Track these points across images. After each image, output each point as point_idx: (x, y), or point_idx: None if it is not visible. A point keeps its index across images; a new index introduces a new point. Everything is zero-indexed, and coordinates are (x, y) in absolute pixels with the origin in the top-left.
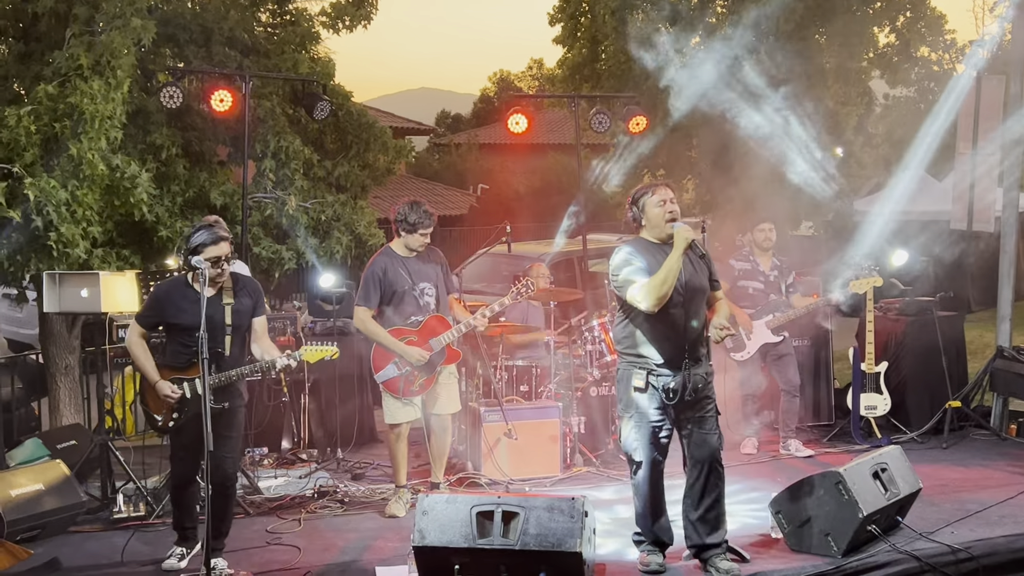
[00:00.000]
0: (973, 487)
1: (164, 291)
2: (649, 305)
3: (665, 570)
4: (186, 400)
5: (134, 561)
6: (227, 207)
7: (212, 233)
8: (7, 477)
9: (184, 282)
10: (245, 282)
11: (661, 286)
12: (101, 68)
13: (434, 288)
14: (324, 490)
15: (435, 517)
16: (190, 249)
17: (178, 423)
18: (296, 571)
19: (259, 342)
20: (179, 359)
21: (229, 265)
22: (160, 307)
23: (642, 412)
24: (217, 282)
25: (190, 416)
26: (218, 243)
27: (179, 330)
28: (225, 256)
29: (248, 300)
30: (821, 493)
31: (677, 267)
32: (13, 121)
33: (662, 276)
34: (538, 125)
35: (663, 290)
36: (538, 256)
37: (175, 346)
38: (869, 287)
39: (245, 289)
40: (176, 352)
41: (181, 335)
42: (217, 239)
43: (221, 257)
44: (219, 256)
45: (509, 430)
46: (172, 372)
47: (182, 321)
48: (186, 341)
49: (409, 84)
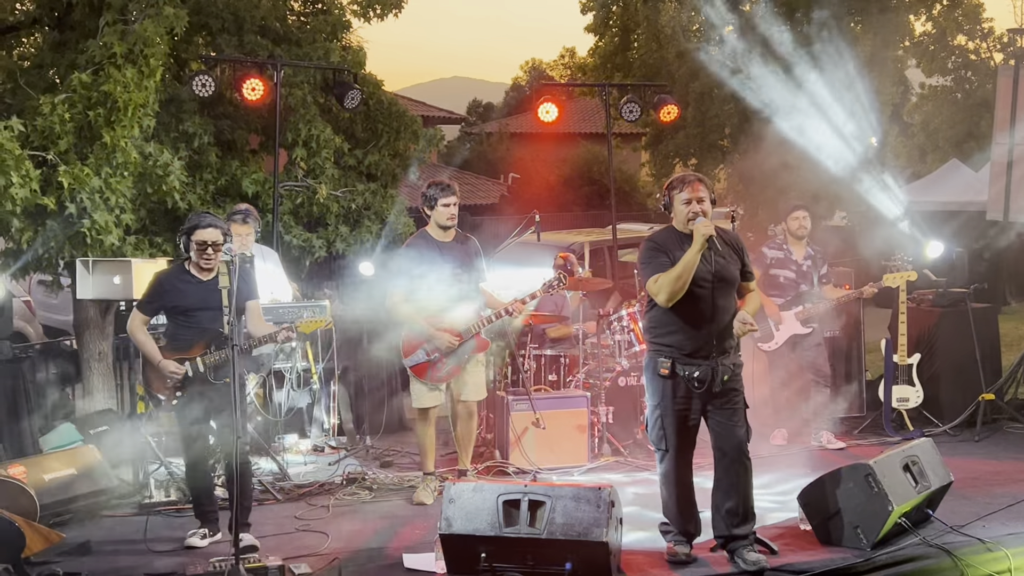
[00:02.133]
0: (1005, 481)
1: (164, 277)
2: (663, 299)
3: (693, 560)
4: (188, 378)
5: (164, 545)
6: (258, 195)
7: (201, 218)
8: (40, 461)
9: (182, 267)
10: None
11: (675, 281)
12: (134, 57)
13: (467, 275)
14: (353, 477)
15: (462, 505)
16: (183, 231)
17: (182, 401)
18: (324, 557)
19: (254, 323)
20: (180, 342)
21: (217, 252)
22: (160, 292)
23: (668, 401)
24: (207, 267)
25: (194, 393)
26: (207, 228)
27: (178, 312)
28: (212, 242)
29: (242, 284)
30: (851, 485)
31: (693, 263)
32: (48, 109)
33: (677, 272)
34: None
35: (677, 285)
36: (568, 245)
37: (176, 330)
38: (903, 281)
39: (239, 274)
40: (176, 336)
41: (179, 317)
42: (207, 224)
43: (208, 242)
44: (206, 241)
45: (537, 419)
46: (174, 355)
47: (181, 303)
48: (186, 323)
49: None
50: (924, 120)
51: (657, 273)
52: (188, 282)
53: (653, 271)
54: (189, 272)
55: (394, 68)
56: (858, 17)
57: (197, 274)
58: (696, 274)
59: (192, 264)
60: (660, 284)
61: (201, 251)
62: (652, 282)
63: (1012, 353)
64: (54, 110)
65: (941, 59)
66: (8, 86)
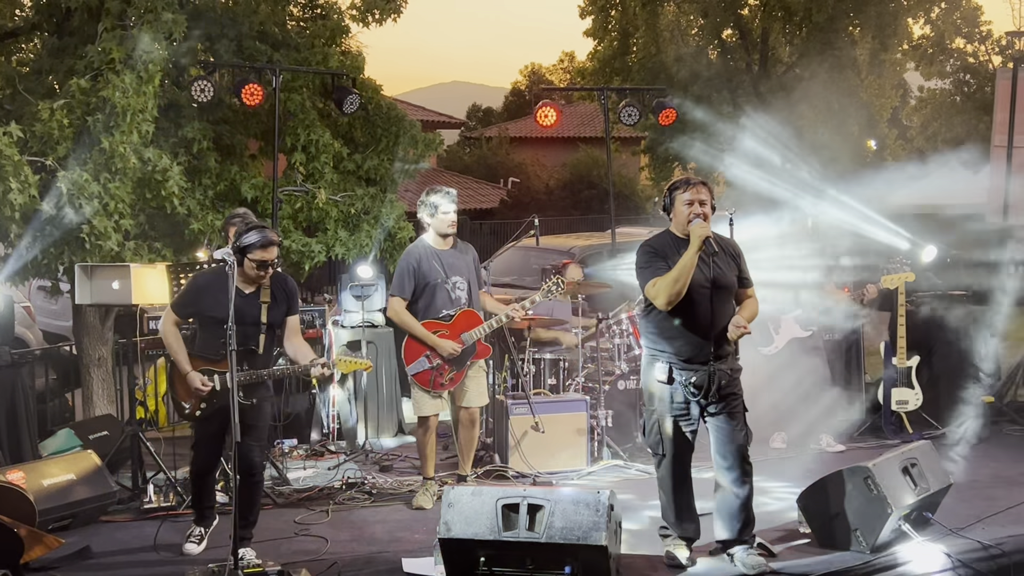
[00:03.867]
0: (1005, 483)
1: (205, 282)
2: (662, 303)
3: (692, 564)
4: (216, 392)
5: (165, 548)
6: (257, 200)
7: (264, 236)
8: (40, 467)
9: (223, 277)
10: (282, 281)
11: (674, 284)
12: (133, 62)
13: (466, 282)
14: (352, 482)
15: (461, 509)
16: (239, 248)
17: (205, 413)
18: (323, 562)
19: (291, 340)
20: (211, 351)
21: (274, 269)
22: (199, 297)
23: (666, 405)
24: (258, 282)
25: (218, 407)
26: (267, 247)
27: (214, 323)
28: (271, 261)
29: (284, 299)
30: (850, 488)
31: (691, 265)
32: (46, 115)
33: (675, 274)
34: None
35: (675, 288)
36: (568, 250)
37: (208, 338)
38: (901, 282)
39: (282, 288)
40: (208, 344)
41: (215, 327)
42: (268, 243)
43: (268, 261)
44: (266, 260)
45: (536, 423)
46: (203, 364)
47: (218, 314)
48: (220, 334)
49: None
50: (923, 123)
51: (654, 277)
52: (226, 291)
53: (651, 275)
54: (228, 281)
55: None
56: (856, 20)
57: (240, 285)
58: (694, 280)
59: (238, 275)
60: (658, 288)
61: (261, 268)
62: (650, 286)
63: (1012, 355)
64: (53, 116)
65: (940, 62)
66: (7, 92)
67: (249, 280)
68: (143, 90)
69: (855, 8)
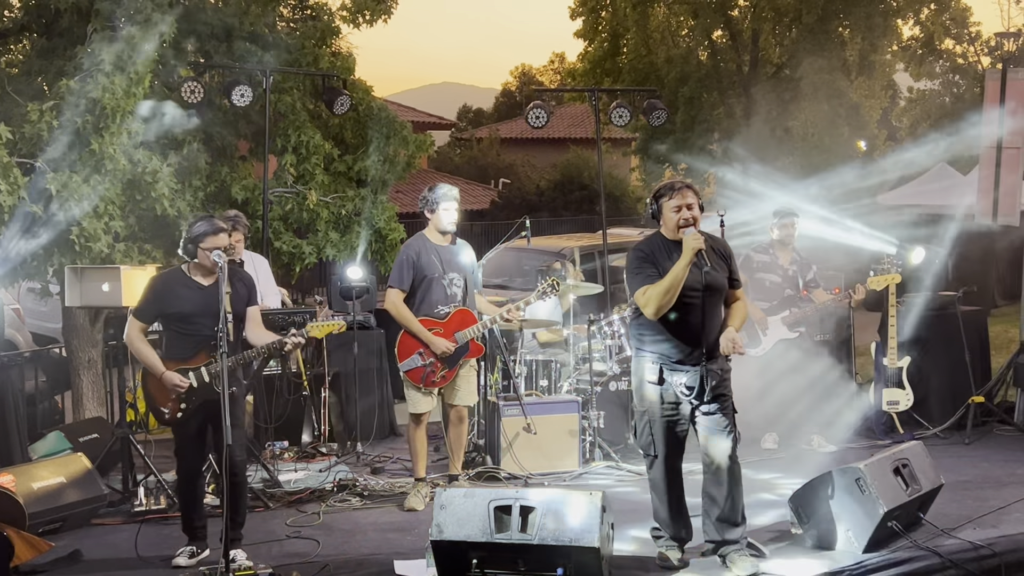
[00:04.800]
0: (996, 483)
1: (161, 282)
2: (651, 312)
3: (684, 565)
4: (193, 389)
5: (153, 555)
6: (248, 201)
7: (211, 224)
8: (29, 470)
9: (180, 272)
10: (238, 272)
11: (663, 295)
12: (122, 63)
13: (463, 279)
14: (344, 483)
15: (453, 511)
16: (190, 240)
17: (185, 414)
18: (315, 564)
19: (254, 330)
20: (180, 350)
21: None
22: (159, 298)
23: (657, 406)
24: (216, 272)
25: (197, 405)
26: (218, 234)
27: (178, 320)
28: (223, 247)
29: (243, 288)
30: (841, 489)
31: (682, 276)
32: (36, 116)
33: (666, 286)
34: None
35: (665, 299)
36: (559, 251)
37: (174, 338)
38: (888, 283)
39: (240, 279)
40: (176, 344)
41: (180, 325)
42: (217, 230)
43: (222, 248)
44: (219, 247)
45: (528, 424)
46: (175, 364)
47: (182, 310)
48: (186, 331)
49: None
50: (912, 124)
51: (645, 285)
52: (189, 287)
53: (641, 282)
54: (189, 277)
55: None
56: (846, 21)
57: (198, 279)
58: (686, 284)
59: (193, 268)
60: (648, 297)
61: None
62: (640, 294)
63: (1002, 356)
64: (42, 117)
65: (929, 63)
66: None
67: (206, 272)
68: (133, 91)
69: (845, 9)
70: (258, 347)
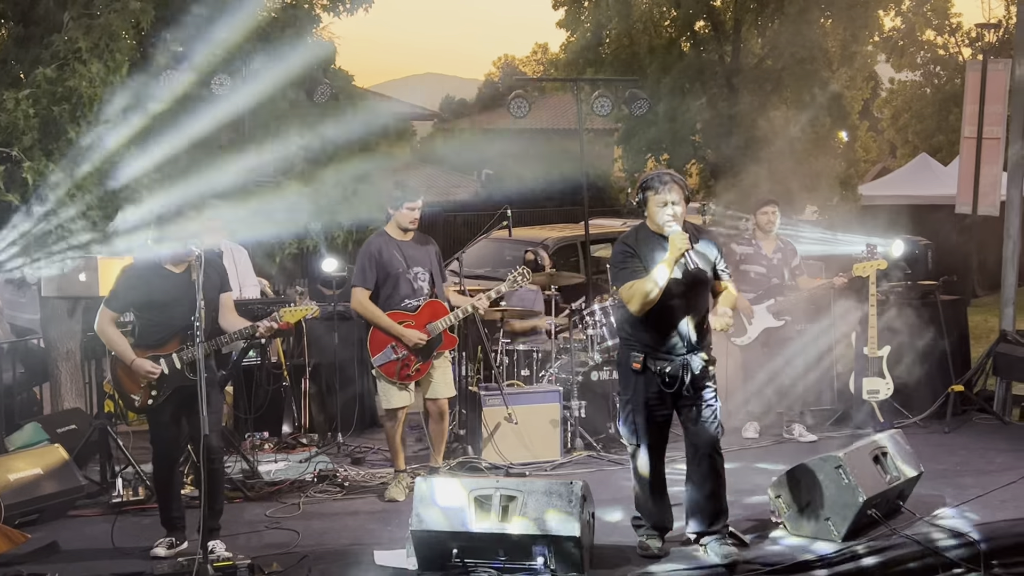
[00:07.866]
0: (975, 471)
1: (134, 272)
2: (635, 309)
3: (665, 554)
4: (164, 376)
5: (131, 546)
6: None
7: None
8: (6, 461)
9: (153, 262)
10: (210, 260)
11: (647, 295)
12: (100, 51)
13: (427, 273)
14: (324, 474)
15: (433, 502)
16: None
17: (157, 401)
18: (295, 555)
19: (227, 317)
20: (152, 338)
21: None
22: (130, 286)
23: (640, 395)
24: (188, 260)
25: (168, 392)
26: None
27: (150, 308)
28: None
29: (215, 275)
30: (821, 477)
31: (667, 276)
32: (11, 105)
33: (650, 286)
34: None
35: (649, 298)
36: (542, 241)
37: (146, 325)
38: (872, 270)
39: (211, 266)
40: (147, 332)
41: (152, 313)
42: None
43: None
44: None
45: (509, 414)
46: (146, 352)
47: (155, 298)
48: (158, 319)
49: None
50: (893, 115)
51: (630, 280)
52: (161, 275)
53: (627, 277)
54: (162, 266)
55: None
56: (828, 12)
57: (170, 267)
58: (671, 278)
59: (165, 260)
60: (632, 293)
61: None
62: (625, 288)
63: (981, 345)
64: (18, 106)
65: (910, 54)
66: None
67: (178, 260)
68: (110, 80)
69: (826, 0)
70: (230, 332)
